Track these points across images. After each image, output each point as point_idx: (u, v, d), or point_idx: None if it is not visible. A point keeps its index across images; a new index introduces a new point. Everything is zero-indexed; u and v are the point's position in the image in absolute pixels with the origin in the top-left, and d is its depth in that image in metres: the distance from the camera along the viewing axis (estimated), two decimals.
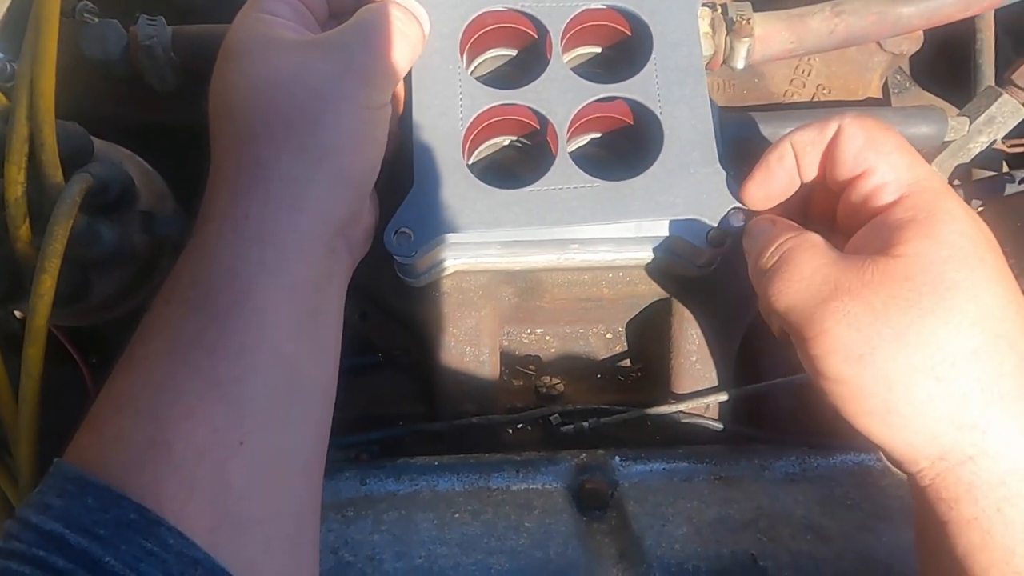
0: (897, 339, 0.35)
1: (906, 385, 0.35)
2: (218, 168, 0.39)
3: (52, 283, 0.37)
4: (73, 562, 0.29)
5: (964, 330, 0.35)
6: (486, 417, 0.53)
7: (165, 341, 0.35)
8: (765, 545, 0.47)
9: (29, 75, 0.39)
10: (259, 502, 0.34)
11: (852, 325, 0.36)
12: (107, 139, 0.50)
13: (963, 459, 0.35)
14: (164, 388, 0.34)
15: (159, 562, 0.30)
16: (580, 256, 0.50)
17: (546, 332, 0.59)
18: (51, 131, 0.38)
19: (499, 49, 0.52)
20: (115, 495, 0.31)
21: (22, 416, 0.39)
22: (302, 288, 0.39)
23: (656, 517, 0.48)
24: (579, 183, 0.46)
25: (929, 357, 0.35)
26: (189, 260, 0.37)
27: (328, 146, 0.40)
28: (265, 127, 0.39)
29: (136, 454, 0.32)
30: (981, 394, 0.35)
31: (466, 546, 0.46)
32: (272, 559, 0.34)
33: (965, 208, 0.38)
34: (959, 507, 0.35)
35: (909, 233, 0.37)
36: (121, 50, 0.51)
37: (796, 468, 0.51)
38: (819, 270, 0.38)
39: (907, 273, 0.36)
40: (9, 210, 0.37)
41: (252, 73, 0.40)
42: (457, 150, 0.46)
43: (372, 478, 0.50)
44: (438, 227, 0.45)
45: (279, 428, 0.36)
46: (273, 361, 0.36)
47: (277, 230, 0.38)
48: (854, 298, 0.36)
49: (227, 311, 0.35)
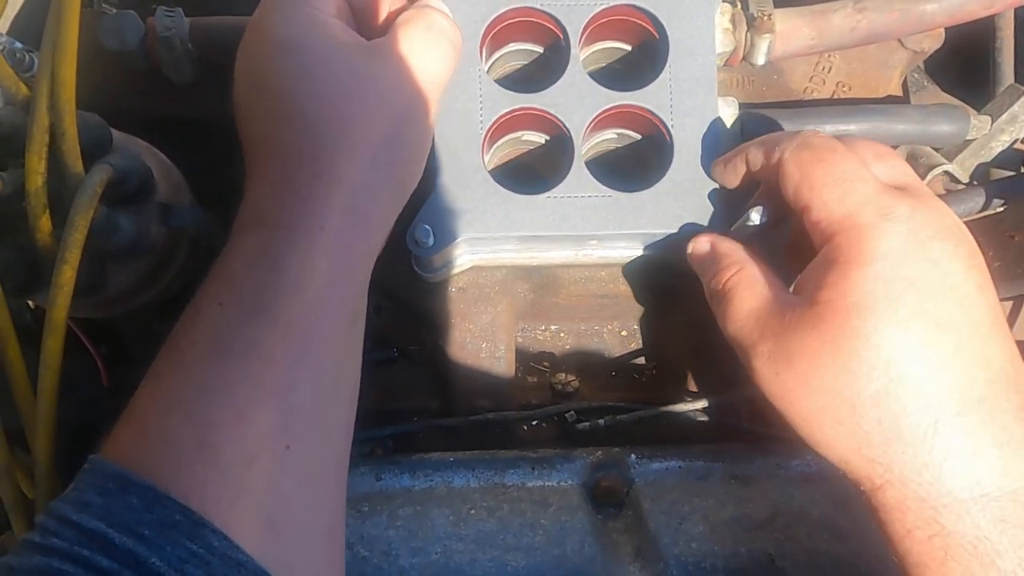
0: (805, 384, 0.38)
1: (818, 424, 0.38)
2: (283, 171, 0.38)
3: (72, 274, 0.37)
4: (118, 562, 0.29)
5: (863, 377, 0.36)
6: (501, 413, 0.53)
7: (218, 344, 0.34)
8: (782, 544, 0.47)
9: (50, 65, 0.38)
10: (300, 505, 0.34)
11: (772, 368, 0.39)
12: (123, 130, 0.50)
13: (877, 486, 0.37)
14: (215, 391, 0.33)
15: (203, 564, 0.30)
16: (598, 252, 0.49)
17: (561, 329, 0.59)
18: (72, 121, 0.38)
19: (519, 44, 0.52)
20: (159, 495, 0.31)
21: (40, 408, 0.39)
22: (355, 297, 0.39)
23: (672, 515, 0.48)
24: (594, 192, 0.47)
25: (830, 402, 0.37)
26: (250, 264, 0.36)
27: (398, 160, 0.41)
28: (343, 138, 0.39)
29: (183, 456, 0.32)
30: (882, 434, 0.36)
31: (482, 542, 0.46)
32: (310, 560, 0.35)
33: (894, 243, 0.37)
34: (886, 522, 0.37)
35: (828, 279, 0.38)
36: (139, 41, 0.50)
37: (812, 468, 0.51)
38: (752, 312, 0.40)
39: (815, 321, 0.37)
40: (29, 200, 0.37)
41: (320, 76, 0.39)
42: (477, 154, 0.47)
43: (387, 473, 0.50)
44: (458, 228, 0.46)
45: (321, 432, 0.36)
46: (323, 369, 0.36)
47: (348, 243, 0.38)
48: (775, 343, 0.39)
49: (289, 321, 0.35)
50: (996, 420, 0.35)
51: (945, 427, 0.35)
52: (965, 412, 0.35)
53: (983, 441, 0.35)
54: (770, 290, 0.40)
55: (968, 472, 0.35)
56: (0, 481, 0.40)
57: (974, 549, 0.35)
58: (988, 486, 0.35)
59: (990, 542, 0.34)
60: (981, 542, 0.35)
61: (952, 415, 0.35)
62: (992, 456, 0.35)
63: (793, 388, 0.38)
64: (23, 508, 0.42)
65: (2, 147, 0.39)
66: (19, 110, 0.39)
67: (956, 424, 0.35)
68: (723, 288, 0.42)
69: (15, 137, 0.39)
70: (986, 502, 0.35)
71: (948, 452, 0.35)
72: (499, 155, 0.53)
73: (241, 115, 0.41)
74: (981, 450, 0.35)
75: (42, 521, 0.31)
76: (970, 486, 0.35)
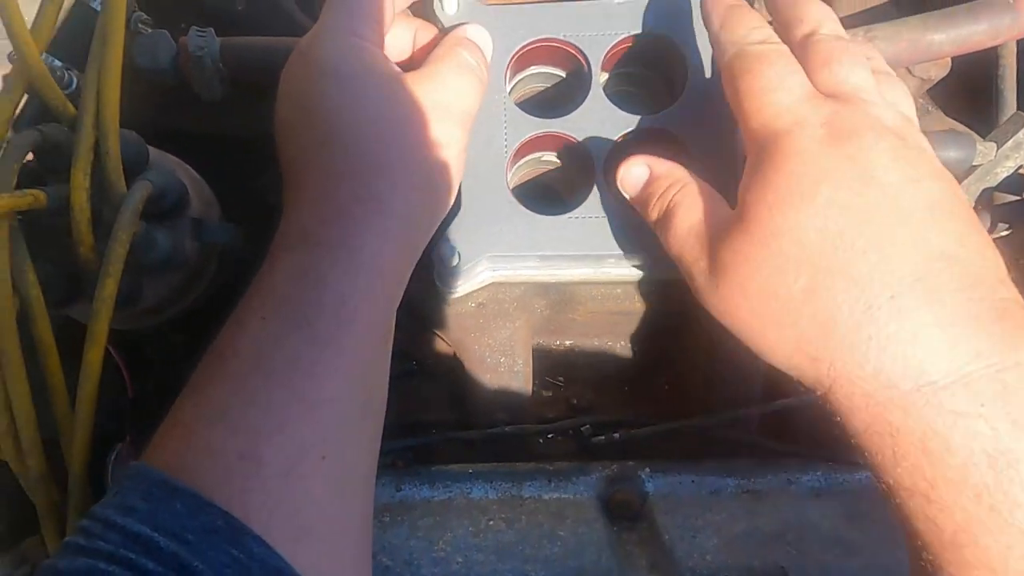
0: (741, 291, 0.38)
1: (760, 329, 0.38)
2: (324, 192, 0.40)
3: (115, 287, 0.38)
4: (163, 565, 0.30)
5: (790, 273, 0.36)
6: (519, 426, 0.54)
7: (262, 357, 0.36)
8: (794, 558, 0.48)
9: (96, 85, 0.40)
10: (334, 515, 0.35)
11: (711, 282, 0.39)
12: (152, 146, 0.51)
13: (826, 387, 0.36)
14: (258, 404, 0.34)
15: (244, 569, 0.31)
16: (616, 271, 0.51)
17: (575, 344, 0.60)
18: (115, 140, 0.39)
19: (541, 67, 0.53)
20: (203, 502, 0.32)
21: (79, 417, 0.40)
22: (389, 314, 0.41)
23: (686, 529, 0.49)
24: (614, 213, 0.48)
25: (767, 305, 0.37)
26: (292, 280, 0.38)
27: (433, 187, 0.42)
28: (383, 164, 0.40)
29: (227, 465, 0.33)
30: (818, 329, 0.35)
31: (502, 553, 0.47)
32: (341, 566, 0.36)
33: (807, 143, 0.36)
34: (845, 425, 0.36)
35: (750, 185, 0.38)
36: (171, 60, 0.52)
37: (822, 483, 0.52)
38: (693, 228, 0.41)
39: (743, 227, 0.38)
40: (74, 215, 0.38)
41: (365, 103, 0.41)
42: (501, 176, 0.48)
43: (407, 484, 0.51)
44: (483, 247, 0.47)
45: (354, 444, 0.37)
46: (358, 382, 0.38)
47: (388, 262, 0.39)
48: (712, 257, 0.39)
49: (329, 336, 0.36)
50: (937, 299, 0.33)
51: (879, 312, 0.33)
52: (900, 294, 0.33)
53: (923, 322, 0.33)
54: (710, 205, 0.41)
55: (909, 359, 0.33)
56: (35, 488, 0.41)
57: (923, 446, 0.32)
58: (933, 373, 0.32)
59: (939, 437, 0.32)
60: (930, 438, 0.32)
61: (886, 299, 0.33)
62: (935, 338, 0.32)
63: (732, 298, 0.38)
64: (55, 515, 0.43)
65: (45, 162, 0.41)
66: (63, 128, 0.40)
67: (891, 307, 0.33)
68: (667, 207, 0.42)
69: (57, 153, 0.40)
70: (932, 392, 0.32)
71: (887, 339, 0.33)
72: (519, 175, 0.55)
73: (284, 136, 0.42)
74: (922, 332, 0.33)
75: (86, 525, 0.32)
76: (914, 375, 0.32)
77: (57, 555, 0.32)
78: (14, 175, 0.37)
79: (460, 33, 0.47)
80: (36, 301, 0.38)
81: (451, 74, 0.44)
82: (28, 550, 0.56)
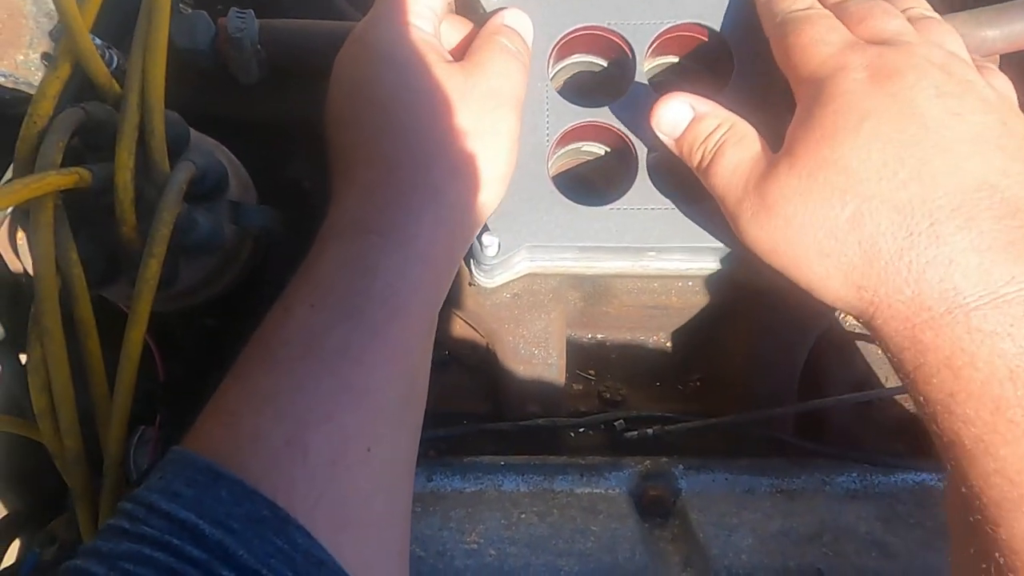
0: (787, 227, 0.38)
1: (807, 264, 0.38)
2: (380, 179, 0.39)
3: (158, 268, 0.38)
4: (208, 553, 0.29)
5: (836, 203, 0.37)
6: (552, 419, 0.53)
7: (309, 345, 0.35)
8: (831, 560, 0.47)
9: (141, 63, 0.39)
10: (378, 506, 0.35)
11: (757, 223, 0.40)
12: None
13: (870, 315, 0.37)
14: (305, 391, 0.34)
15: (288, 560, 0.30)
16: (655, 264, 0.50)
17: (607, 338, 0.60)
18: (160, 119, 0.39)
19: (584, 55, 0.53)
20: (248, 490, 0.31)
21: (117, 399, 0.39)
22: (436, 305, 0.40)
23: (720, 527, 0.48)
24: (658, 204, 0.47)
25: (814, 237, 0.38)
26: (343, 268, 0.37)
27: (489, 177, 0.42)
28: (441, 153, 0.40)
29: (272, 453, 0.32)
30: (862, 256, 0.36)
31: (535, 547, 0.47)
32: (385, 560, 0.35)
33: (850, 84, 0.38)
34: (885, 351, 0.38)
35: (796, 126, 0.39)
36: (209, 41, 0.51)
37: (858, 484, 0.51)
38: (739, 167, 0.41)
39: (789, 163, 0.39)
40: (118, 194, 0.38)
41: (424, 91, 0.40)
42: (543, 165, 0.48)
43: (438, 474, 0.50)
44: (523, 237, 0.47)
45: (398, 435, 0.37)
46: (404, 372, 0.37)
47: (439, 253, 0.39)
48: (758, 196, 0.40)
49: (379, 326, 0.36)
50: (975, 226, 0.34)
51: (919, 238, 0.35)
52: (938, 221, 0.35)
53: (959, 247, 0.34)
54: (757, 144, 0.42)
55: (945, 283, 0.34)
56: (71, 469, 0.41)
57: (949, 363, 0.34)
58: (967, 295, 0.34)
59: (966, 354, 0.33)
60: (957, 356, 0.34)
61: (926, 226, 0.35)
62: (970, 262, 0.34)
63: (778, 234, 0.39)
64: (89, 497, 0.43)
65: (87, 141, 0.40)
66: (107, 106, 0.40)
67: (930, 233, 0.35)
68: (715, 147, 0.43)
69: (100, 132, 0.40)
70: (963, 313, 0.34)
71: (925, 264, 0.35)
72: (556, 165, 0.54)
73: (336, 121, 0.42)
74: (958, 257, 0.34)
75: (129, 508, 0.32)
76: (949, 298, 0.34)
77: (99, 537, 0.32)
78: (59, 153, 0.36)
79: (498, 20, 0.47)
80: (78, 280, 0.38)
81: (497, 61, 0.44)
82: (56, 530, 0.56)
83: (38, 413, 0.39)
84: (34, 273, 0.37)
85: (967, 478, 0.35)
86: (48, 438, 0.40)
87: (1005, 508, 0.33)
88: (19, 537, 0.63)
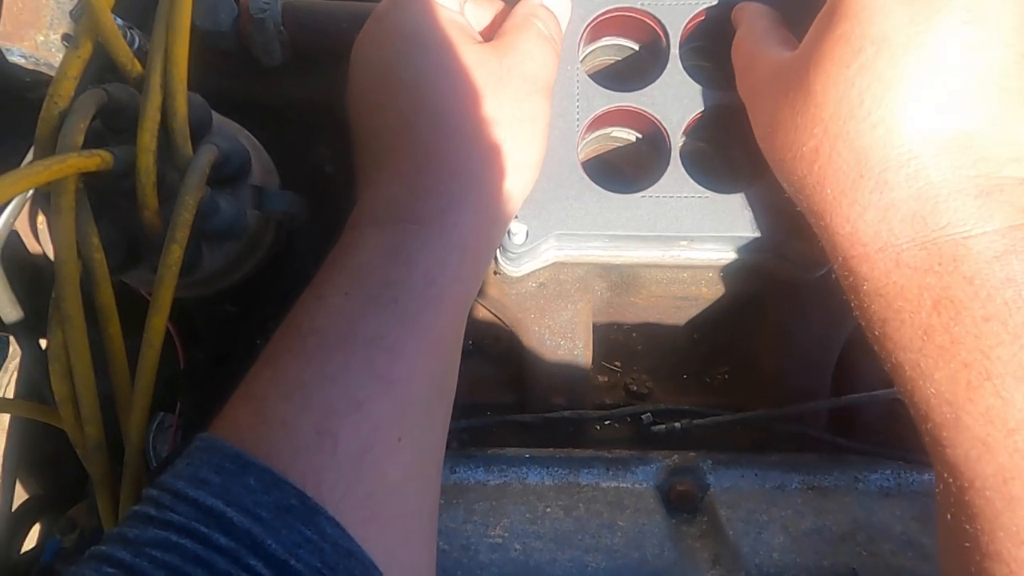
0: (774, 146, 0.40)
1: (787, 180, 0.40)
2: (417, 166, 0.38)
3: (180, 253, 0.37)
4: (236, 541, 0.29)
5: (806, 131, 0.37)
6: (578, 412, 0.52)
7: (342, 334, 0.34)
8: (865, 560, 0.46)
9: (164, 43, 0.38)
10: (407, 497, 0.34)
11: (765, 134, 0.41)
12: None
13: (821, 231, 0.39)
14: (336, 380, 0.33)
15: (317, 550, 0.29)
16: (686, 254, 0.49)
17: (633, 329, 0.59)
18: (183, 101, 0.38)
19: (615, 38, 0.51)
20: (277, 479, 0.30)
21: (139, 386, 0.39)
22: (471, 295, 0.39)
23: (751, 524, 0.47)
24: (690, 192, 0.46)
25: (790, 158, 0.39)
26: (380, 257, 0.36)
27: (525, 164, 0.41)
28: (478, 137, 0.39)
29: (301, 441, 0.32)
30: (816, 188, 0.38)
31: (561, 541, 0.46)
32: (412, 552, 0.34)
33: None
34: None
35: (809, 36, 0.39)
36: (231, 22, 0.50)
37: (891, 482, 0.50)
38: (755, 68, 0.42)
39: (785, 82, 0.39)
40: (140, 177, 0.37)
41: (457, 73, 0.39)
42: (572, 151, 0.46)
43: (462, 466, 0.49)
44: (553, 225, 0.45)
45: (428, 426, 0.36)
46: (437, 363, 0.36)
47: (477, 241, 0.38)
48: (769, 111, 0.40)
49: (415, 315, 0.35)
50: (923, 176, 0.34)
51: (866, 182, 0.35)
52: (890, 168, 0.35)
53: (902, 196, 0.34)
54: (779, 46, 0.42)
55: (881, 224, 0.35)
56: (92, 457, 0.40)
57: (881, 292, 0.36)
58: (900, 236, 0.35)
59: (896, 286, 0.35)
60: (888, 286, 0.35)
61: (877, 172, 0.35)
62: (908, 208, 0.34)
63: (774, 151, 0.40)
64: (110, 484, 0.42)
65: (109, 122, 0.39)
66: (129, 88, 0.39)
67: (879, 179, 0.35)
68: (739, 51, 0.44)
69: (122, 114, 0.39)
70: (895, 251, 0.35)
71: (865, 206, 0.35)
72: (585, 151, 0.53)
73: (363, 106, 0.41)
74: (899, 203, 0.34)
75: (155, 495, 0.31)
76: (882, 236, 0.35)
77: (125, 523, 0.31)
78: (81, 134, 0.35)
79: (535, 1, 0.45)
80: (99, 265, 0.37)
81: (531, 44, 0.42)
82: (76, 517, 0.56)
83: (59, 400, 0.39)
84: (54, 258, 0.36)
85: (913, 401, 0.36)
86: (69, 425, 0.39)
87: (947, 429, 0.34)
88: (40, 522, 0.63)
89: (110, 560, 0.29)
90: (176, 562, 0.28)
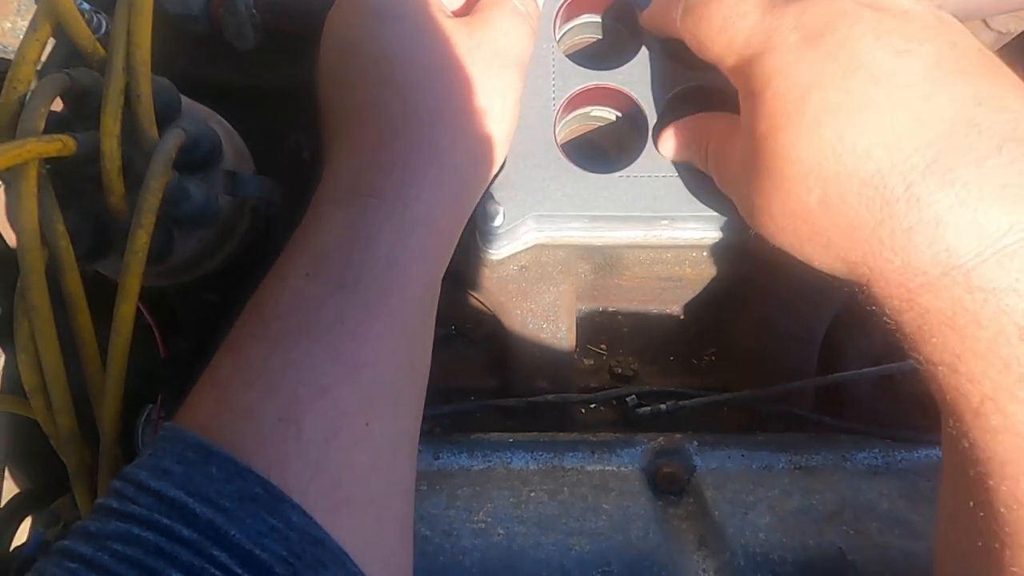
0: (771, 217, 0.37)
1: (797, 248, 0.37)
2: (379, 139, 0.37)
3: (147, 240, 0.36)
4: (199, 532, 0.28)
5: (803, 190, 0.35)
6: (562, 395, 0.52)
7: (304, 318, 0.34)
8: (852, 538, 0.45)
9: (126, 25, 0.37)
10: (377, 484, 0.34)
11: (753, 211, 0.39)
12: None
13: (865, 283, 0.35)
14: (299, 365, 0.32)
15: (282, 539, 0.29)
16: (668, 233, 0.48)
17: (618, 311, 0.58)
18: (147, 84, 0.37)
19: (592, 16, 0.50)
20: (240, 467, 0.30)
21: (109, 375, 0.38)
22: (437, 274, 0.39)
23: (737, 505, 0.47)
24: (669, 172, 0.45)
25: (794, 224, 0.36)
26: (340, 236, 0.35)
27: (493, 139, 0.40)
28: (442, 110, 0.38)
29: (265, 429, 0.31)
30: (844, 235, 0.34)
31: (544, 525, 0.45)
32: (384, 539, 0.34)
33: (784, 56, 0.34)
34: (885, 316, 0.36)
35: (748, 123, 0.37)
36: (202, 5, 0.49)
37: (879, 460, 0.50)
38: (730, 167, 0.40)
39: (755, 161, 0.37)
40: (104, 163, 0.36)
41: (422, 46, 0.38)
42: (549, 130, 0.46)
43: (445, 452, 0.49)
44: (529, 205, 0.45)
45: (398, 410, 0.35)
46: (404, 345, 0.36)
47: (439, 218, 0.37)
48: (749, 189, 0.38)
49: (377, 296, 0.34)
50: (957, 178, 0.31)
51: (897, 207, 0.32)
52: (915, 183, 0.31)
53: (944, 205, 0.31)
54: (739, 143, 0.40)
55: (936, 244, 0.31)
56: (66, 448, 0.40)
57: (952, 323, 0.31)
58: (963, 255, 0.31)
59: (969, 314, 0.31)
60: (959, 315, 0.31)
61: (902, 191, 0.32)
62: (960, 220, 0.31)
63: (769, 223, 0.37)
64: (86, 476, 0.42)
65: (74, 108, 0.38)
66: (93, 71, 0.38)
67: (908, 198, 0.32)
68: (708, 161, 0.42)
69: (87, 98, 0.38)
70: (961, 274, 0.31)
71: (909, 231, 0.32)
72: (565, 131, 0.52)
73: (331, 80, 0.40)
74: (945, 216, 0.31)
75: (119, 487, 0.31)
76: (942, 260, 0.31)
77: (89, 517, 0.31)
78: (42, 119, 0.34)
79: None
80: (65, 253, 0.36)
81: (505, 20, 0.42)
82: (60, 510, 0.56)
83: (29, 391, 0.38)
84: (17, 246, 0.35)
85: (970, 434, 0.33)
86: (41, 416, 0.39)
87: (1011, 463, 0.31)
88: (30, 516, 0.62)
89: (72, 555, 0.28)
90: (138, 555, 0.28)
